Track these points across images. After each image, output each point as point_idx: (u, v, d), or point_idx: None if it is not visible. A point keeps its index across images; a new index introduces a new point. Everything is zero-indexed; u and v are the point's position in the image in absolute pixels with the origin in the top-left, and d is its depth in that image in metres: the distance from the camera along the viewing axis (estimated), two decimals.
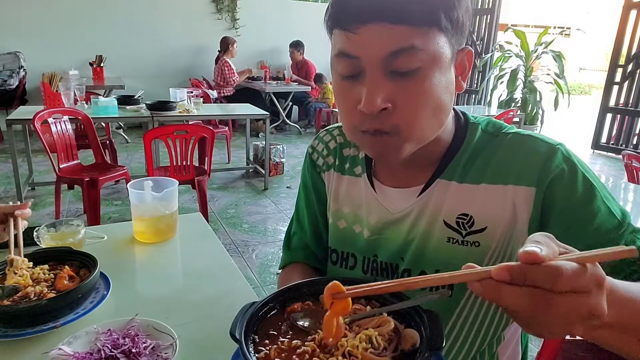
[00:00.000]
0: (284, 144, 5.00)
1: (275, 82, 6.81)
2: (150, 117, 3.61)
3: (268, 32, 7.38)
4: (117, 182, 3.97)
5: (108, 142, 4.16)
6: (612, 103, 6.49)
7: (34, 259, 0.91)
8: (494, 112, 5.63)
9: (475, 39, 7.28)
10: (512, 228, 0.71)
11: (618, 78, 6.36)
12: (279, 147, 4.77)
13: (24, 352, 0.75)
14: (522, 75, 7.09)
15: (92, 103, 3.55)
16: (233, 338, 0.55)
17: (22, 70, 5.76)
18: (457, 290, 0.75)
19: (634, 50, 6.13)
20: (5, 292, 0.81)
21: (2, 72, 5.64)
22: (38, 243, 1.06)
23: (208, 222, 1.56)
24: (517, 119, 5.32)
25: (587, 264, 0.40)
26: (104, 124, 4.54)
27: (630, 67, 6.19)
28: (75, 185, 3.41)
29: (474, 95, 7.43)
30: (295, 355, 0.54)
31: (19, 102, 5.67)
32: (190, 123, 3.89)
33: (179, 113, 3.80)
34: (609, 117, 6.56)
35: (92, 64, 5.98)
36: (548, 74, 7.40)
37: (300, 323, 0.61)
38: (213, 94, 5.63)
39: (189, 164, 3.06)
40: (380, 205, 0.80)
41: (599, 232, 0.65)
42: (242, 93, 6.46)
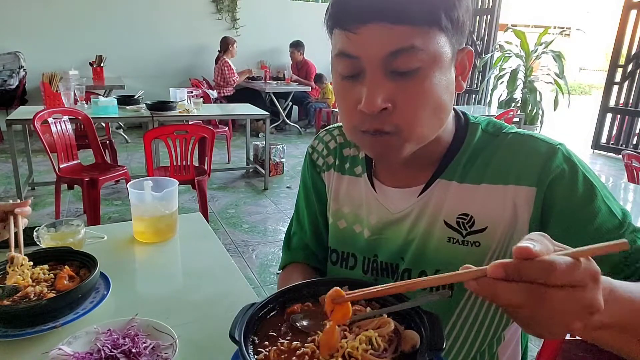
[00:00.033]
0: (284, 144, 5.00)
1: (275, 82, 6.81)
2: (150, 117, 3.61)
3: (268, 32, 7.38)
4: (117, 182, 3.97)
5: (108, 142, 4.16)
6: (612, 103, 6.49)
7: (34, 259, 0.91)
8: (494, 112, 5.62)
9: (475, 39, 7.27)
10: (512, 228, 0.71)
11: (618, 78, 6.36)
12: (279, 147, 4.77)
13: (24, 352, 0.75)
14: (522, 75, 7.09)
15: (92, 103, 3.55)
16: (232, 340, 0.54)
17: (22, 70, 5.76)
18: (457, 291, 0.75)
19: (634, 50, 6.13)
20: (5, 292, 0.81)
21: (2, 72, 5.64)
22: (38, 243, 1.06)
23: (208, 222, 1.56)
24: (517, 119, 5.32)
25: (580, 259, 0.40)
26: (104, 124, 4.54)
27: (630, 67, 6.19)
28: (75, 185, 3.40)
29: (474, 95, 7.43)
30: (295, 357, 0.54)
31: (19, 102, 5.67)
32: (190, 123, 3.89)
33: (179, 113, 3.80)
34: (609, 117, 6.56)
35: (92, 64, 5.98)
36: (548, 74, 7.40)
37: (300, 324, 0.60)
38: (213, 94, 5.63)
39: (189, 164, 3.06)
40: (381, 205, 0.80)
41: (600, 231, 0.65)
42: (242, 93, 6.46)
